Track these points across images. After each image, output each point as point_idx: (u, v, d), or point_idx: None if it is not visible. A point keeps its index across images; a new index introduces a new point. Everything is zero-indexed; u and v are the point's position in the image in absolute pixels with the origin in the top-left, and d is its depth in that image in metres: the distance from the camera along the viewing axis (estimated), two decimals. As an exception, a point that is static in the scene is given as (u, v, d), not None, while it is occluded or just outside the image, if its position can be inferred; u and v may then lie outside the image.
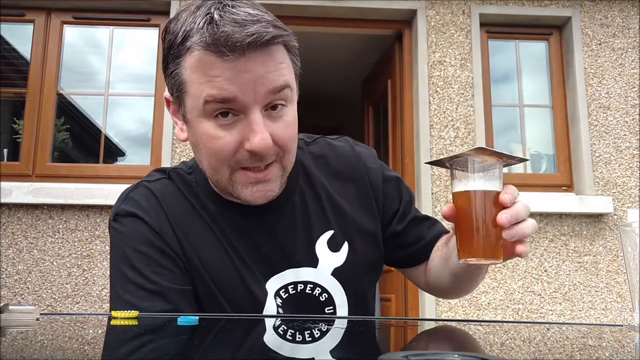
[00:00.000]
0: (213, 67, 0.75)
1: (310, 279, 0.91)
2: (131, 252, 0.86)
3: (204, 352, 0.51)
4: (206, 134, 0.79)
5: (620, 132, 3.08)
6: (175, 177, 0.93)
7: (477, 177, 0.74)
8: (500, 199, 0.73)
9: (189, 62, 0.77)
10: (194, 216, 0.90)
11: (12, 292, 2.69)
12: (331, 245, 0.93)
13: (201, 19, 0.75)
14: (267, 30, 0.75)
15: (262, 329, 0.73)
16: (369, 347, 0.58)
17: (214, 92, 0.76)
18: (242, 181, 0.82)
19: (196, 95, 0.78)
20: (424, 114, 3.01)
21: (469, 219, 0.74)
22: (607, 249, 2.94)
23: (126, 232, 0.88)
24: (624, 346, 0.59)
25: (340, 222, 0.95)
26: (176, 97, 0.83)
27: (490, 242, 0.73)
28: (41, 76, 3.00)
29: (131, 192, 0.92)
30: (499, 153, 0.73)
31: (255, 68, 0.75)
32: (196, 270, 0.87)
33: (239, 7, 0.76)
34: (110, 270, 0.90)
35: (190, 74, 0.78)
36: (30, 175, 2.89)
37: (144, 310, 0.81)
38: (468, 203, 0.74)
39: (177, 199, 0.91)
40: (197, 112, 0.79)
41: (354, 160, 1.00)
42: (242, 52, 0.74)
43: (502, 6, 3.16)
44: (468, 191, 0.74)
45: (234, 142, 0.79)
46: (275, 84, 0.78)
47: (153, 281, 0.84)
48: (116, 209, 0.91)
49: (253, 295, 0.88)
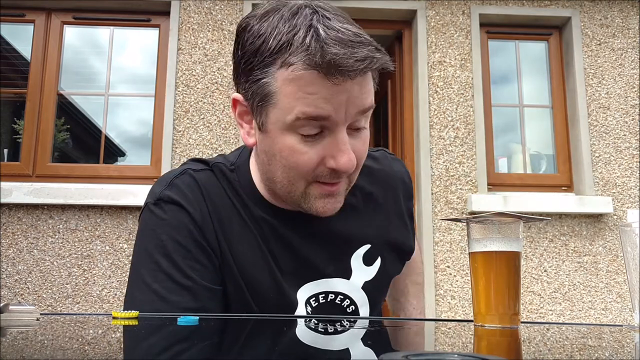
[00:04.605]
0: (312, 85, 0.73)
1: (342, 290, 0.92)
2: (169, 241, 0.83)
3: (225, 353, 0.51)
4: (289, 148, 0.78)
5: (620, 132, 3.08)
6: (217, 172, 0.91)
7: (497, 237, 0.71)
8: None
9: (285, 75, 0.74)
10: (234, 214, 0.88)
11: (12, 292, 2.69)
12: (366, 259, 0.94)
13: (304, 33, 0.72)
14: (375, 56, 0.73)
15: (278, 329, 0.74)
16: (369, 348, 0.58)
17: (309, 109, 0.74)
18: (316, 194, 0.82)
19: (286, 109, 0.75)
20: (424, 114, 3.01)
21: (487, 281, 0.71)
22: (607, 249, 2.94)
23: (167, 219, 0.85)
24: (624, 346, 0.59)
25: (377, 236, 0.96)
26: (257, 104, 0.79)
27: (510, 307, 0.71)
28: (41, 76, 3.00)
29: (176, 179, 0.88)
30: (518, 215, 0.71)
31: (353, 89, 0.74)
32: (229, 269, 0.86)
33: (336, 19, 0.75)
34: (136, 256, 0.86)
35: (283, 87, 0.74)
36: (31, 176, 2.89)
37: (171, 303, 0.80)
38: (487, 264, 0.71)
39: (220, 194, 0.89)
40: (281, 125, 0.77)
41: (392, 175, 1.01)
42: (351, 78, 0.73)
43: (502, 6, 3.17)
44: (487, 252, 0.71)
45: (317, 158, 0.78)
46: (365, 106, 0.77)
47: (188, 276, 0.82)
48: (159, 193, 0.87)
49: (284, 300, 0.87)
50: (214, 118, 2.93)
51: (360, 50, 0.72)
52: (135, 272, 0.85)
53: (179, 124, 2.92)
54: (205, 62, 2.99)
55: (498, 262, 0.72)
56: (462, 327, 0.74)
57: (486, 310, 0.72)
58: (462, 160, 2.99)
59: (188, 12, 3.04)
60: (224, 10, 3.06)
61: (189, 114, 2.93)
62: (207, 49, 3.01)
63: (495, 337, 0.66)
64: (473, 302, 0.74)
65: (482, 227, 0.73)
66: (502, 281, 0.71)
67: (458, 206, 2.94)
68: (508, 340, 0.64)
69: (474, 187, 2.96)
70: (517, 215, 0.71)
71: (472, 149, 3.00)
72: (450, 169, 2.98)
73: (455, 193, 2.95)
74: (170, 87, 2.94)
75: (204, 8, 3.06)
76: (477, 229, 0.73)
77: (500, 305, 0.71)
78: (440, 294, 2.84)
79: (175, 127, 2.91)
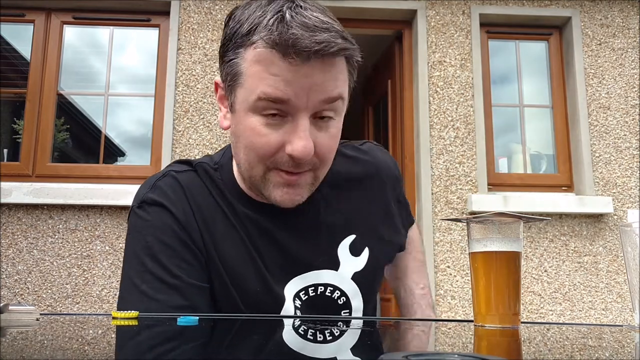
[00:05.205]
0: (274, 66, 0.75)
1: (331, 281, 0.92)
2: (154, 242, 0.84)
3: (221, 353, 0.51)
4: (251, 129, 0.79)
5: (620, 132, 3.08)
6: (200, 171, 0.92)
7: (497, 237, 0.71)
8: None
9: (250, 55, 0.76)
10: (217, 212, 0.89)
11: (12, 292, 2.69)
12: (353, 249, 0.94)
13: (271, 16, 0.75)
14: (335, 41, 0.74)
15: (275, 329, 0.73)
16: (369, 348, 0.58)
17: (269, 90, 0.75)
18: (274, 181, 0.82)
19: (250, 89, 0.77)
20: (424, 114, 3.01)
21: (487, 281, 0.71)
22: (607, 249, 2.94)
23: (151, 221, 0.86)
24: (624, 346, 0.59)
25: (363, 227, 0.96)
26: (228, 85, 0.82)
27: (510, 307, 0.71)
28: (41, 76, 3.00)
29: (158, 181, 0.90)
30: (518, 215, 0.71)
31: (314, 75, 0.75)
32: (215, 267, 0.86)
33: (310, 10, 0.76)
34: (125, 258, 0.87)
35: (249, 67, 0.77)
36: (30, 176, 2.89)
37: (159, 302, 0.80)
38: (487, 264, 0.71)
39: (203, 194, 0.90)
40: (246, 105, 0.79)
41: (377, 164, 1.01)
42: (307, 58, 0.73)
43: (502, 6, 3.17)
44: (487, 252, 0.71)
45: (277, 143, 0.78)
46: (330, 94, 0.77)
47: (174, 275, 0.83)
48: (142, 196, 0.89)
49: (272, 296, 0.87)
50: (214, 118, 2.93)
51: (321, 35, 0.73)
52: (125, 275, 0.86)
53: (179, 124, 2.92)
54: (205, 62, 2.99)
55: (498, 262, 0.71)
56: (462, 327, 0.74)
57: (486, 311, 0.72)
58: (462, 160, 2.99)
59: (188, 12, 3.04)
60: (224, 10, 3.06)
61: (188, 114, 2.94)
62: (207, 49, 3.01)
63: (496, 337, 0.66)
64: (473, 302, 0.74)
65: (482, 227, 0.73)
66: (502, 281, 0.71)
67: (458, 206, 2.93)
68: (508, 340, 0.64)
69: (474, 187, 2.96)
70: (517, 215, 0.71)
71: (472, 149, 3.00)
72: (451, 169, 2.98)
73: (456, 193, 2.95)
74: (170, 87, 2.94)
75: (204, 8, 3.06)
76: (477, 229, 0.73)
77: (500, 306, 0.71)
78: (440, 294, 2.84)
79: (175, 127, 2.92)
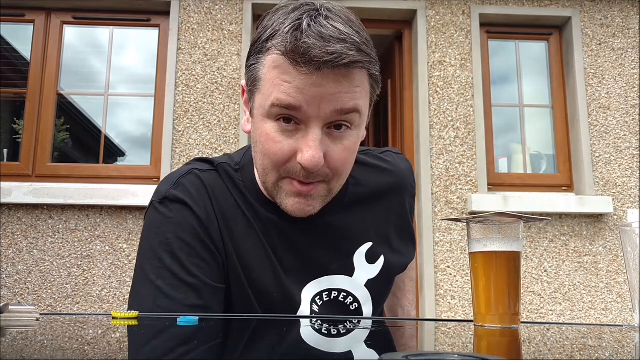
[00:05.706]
0: (287, 73, 0.75)
1: (345, 287, 0.92)
2: (174, 239, 0.84)
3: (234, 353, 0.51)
4: (266, 134, 0.79)
5: (620, 132, 3.08)
6: (222, 172, 0.92)
7: (497, 237, 0.71)
8: None
9: (268, 61, 0.78)
10: (238, 214, 0.89)
11: (12, 292, 2.69)
12: (368, 257, 0.94)
13: (290, 23, 0.75)
14: (348, 53, 0.73)
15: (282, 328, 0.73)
16: (370, 348, 0.58)
17: (281, 96, 0.76)
18: (287, 190, 0.82)
19: (266, 95, 0.78)
20: (424, 114, 3.01)
21: (487, 281, 0.71)
22: (607, 249, 2.94)
23: (173, 217, 0.86)
24: (624, 346, 0.59)
25: (379, 235, 0.96)
26: (249, 90, 0.83)
27: (510, 307, 0.70)
28: (41, 76, 3.00)
29: (182, 178, 0.90)
30: (518, 215, 0.71)
31: (327, 85, 0.75)
32: (233, 269, 0.86)
33: (332, 20, 0.75)
34: (140, 253, 0.87)
35: (266, 73, 0.78)
36: (30, 176, 2.89)
37: (173, 300, 0.80)
38: (487, 264, 0.71)
39: (224, 194, 0.90)
40: (262, 111, 0.79)
41: (399, 174, 1.02)
42: (317, 68, 0.73)
43: (502, 6, 3.17)
44: (487, 252, 0.71)
45: (289, 150, 0.79)
46: (343, 106, 0.77)
47: (192, 274, 0.83)
48: (165, 192, 0.88)
49: (287, 299, 0.87)
50: (213, 118, 2.93)
51: (335, 46, 0.73)
52: (140, 269, 0.86)
53: (179, 124, 2.92)
54: (205, 62, 2.99)
55: (498, 262, 0.71)
56: (462, 327, 0.74)
57: (486, 310, 0.72)
58: (462, 160, 2.99)
59: (188, 12, 3.04)
60: (224, 10, 3.06)
61: (188, 114, 2.93)
62: (207, 49, 3.01)
63: (496, 337, 0.66)
64: (473, 302, 0.74)
65: (482, 227, 0.73)
66: (502, 281, 0.71)
67: (458, 206, 2.93)
68: (508, 340, 0.64)
69: (474, 187, 2.96)
70: (517, 215, 0.71)
71: (472, 149, 3.00)
72: (451, 169, 2.98)
73: (456, 193, 2.95)
74: (170, 87, 2.94)
75: (204, 8, 3.06)
76: (477, 229, 0.73)
77: (500, 306, 0.71)
78: (440, 294, 2.84)
79: (175, 127, 2.92)
